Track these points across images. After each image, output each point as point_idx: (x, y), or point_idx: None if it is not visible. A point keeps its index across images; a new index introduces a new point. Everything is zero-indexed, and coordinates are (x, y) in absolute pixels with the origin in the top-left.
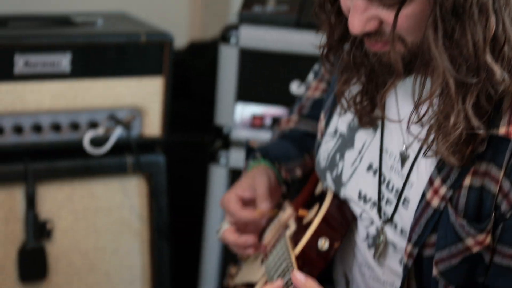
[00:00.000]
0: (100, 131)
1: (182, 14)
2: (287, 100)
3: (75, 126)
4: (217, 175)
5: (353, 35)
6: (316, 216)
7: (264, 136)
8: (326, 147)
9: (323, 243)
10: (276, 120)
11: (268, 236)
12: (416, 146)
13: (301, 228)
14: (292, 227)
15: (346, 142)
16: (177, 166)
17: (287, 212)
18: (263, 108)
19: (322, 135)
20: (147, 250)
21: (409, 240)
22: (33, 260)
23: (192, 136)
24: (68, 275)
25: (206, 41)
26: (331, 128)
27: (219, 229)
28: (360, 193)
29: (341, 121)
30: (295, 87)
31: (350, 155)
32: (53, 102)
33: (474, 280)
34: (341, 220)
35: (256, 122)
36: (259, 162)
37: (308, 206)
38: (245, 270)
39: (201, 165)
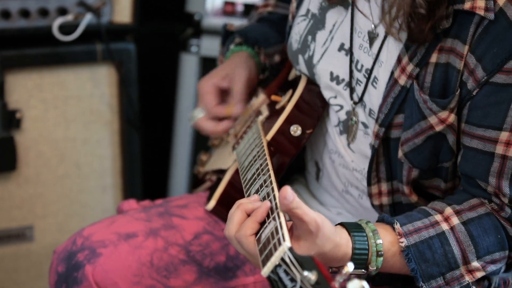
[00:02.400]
0: (69, 17)
1: None
2: None
3: (44, 12)
4: (188, 63)
5: None
6: (289, 102)
7: (236, 23)
8: (298, 29)
9: (296, 130)
10: (248, 7)
11: (240, 122)
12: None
13: (274, 114)
14: (265, 113)
15: (318, 22)
16: (147, 55)
17: (260, 98)
18: None
19: (294, 17)
20: (118, 140)
21: (377, 120)
22: (2, 151)
23: (163, 25)
24: (37, 165)
25: None
26: (302, 10)
27: (192, 116)
28: (332, 74)
29: (313, 1)
30: None
31: (321, 35)
32: None
33: (438, 164)
34: (314, 107)
35: (227, 9)
36: (240, 48)
37: (281, 92)
38: (216, 157)
39: (172, 54)
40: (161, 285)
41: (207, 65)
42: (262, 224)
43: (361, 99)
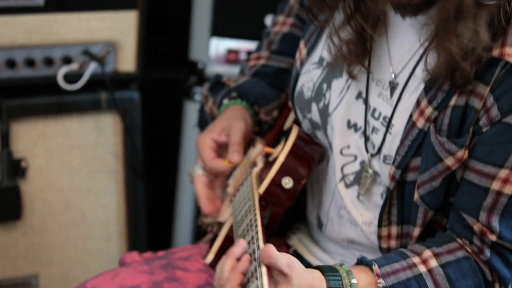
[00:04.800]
0: (74, 66)
1: None
2: None
3: (49, 62)
4: (192, 111)
5: None
6: (281, 154)
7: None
8: (310, 77)
9: (287, 182)
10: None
11: (238, 174)
12: (405, 74)
13: (267, 166)
14: (260, 164)
15: (334, 71)
16: (152, 103)
17: (257, 148)
18: (238, 43)
19: (302, 64)
20: (122, 188)
21: (393, 162)
22: (7, 200)
23: (167, 72)
24: (43, 214)
25: None
26: (314, 57)
27: (191, 171)
28: (349, 122)
29: (326, 49)
30: (270, 21)
31: (337, 84)
32: (26, 36)
33: (447, 200)
34: (306, 157)
35: (231, 57)
36: (235, 102)
37: (277, 139)
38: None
39: (177, 101)
40: None
41: None
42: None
43: (379, 149)
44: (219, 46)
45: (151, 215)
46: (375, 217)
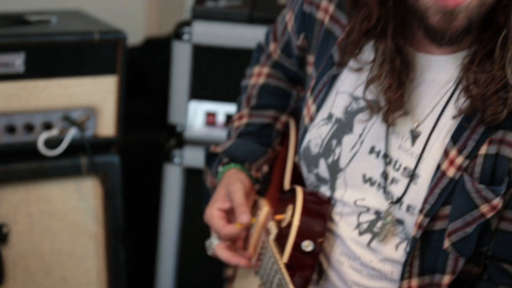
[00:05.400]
0: (54, 132)
1: (138, 10)
2: None
3: (29, 128)
4: (172, 174)
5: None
6: (293, 219)
7: (217, 134)
8: (319, 133)
9: (307, 245)
10: (229, 117)
11: (252, 241)
12: (429, 122)
13: (282, 232)
14: (273, 231)
15: (344, 127)
16: (132, 166)
17: (264, 211)
18: (217, 105)
19: (312, 120)
20: (103, 252)
21: (421, 211)
22: None
23: (148, 135)
24: (25, 279)
25: (162, 37)
26: (323, 113)
27: (209, 244)
28: (364, 177)
29: (336, 105)
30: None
31: (348, 139)
32: (7, 103)
33: (479, 250)
34: (319, 216)
35: (209, 120)
36: (228, 166)
37: (281, 202)
38: (242, 278)
39: (156, 164)
40: None
41: (191, 176)
42: None
43: (400, 199)
44: (198, 108)
45: (131, 278)
46: (384, 266)
